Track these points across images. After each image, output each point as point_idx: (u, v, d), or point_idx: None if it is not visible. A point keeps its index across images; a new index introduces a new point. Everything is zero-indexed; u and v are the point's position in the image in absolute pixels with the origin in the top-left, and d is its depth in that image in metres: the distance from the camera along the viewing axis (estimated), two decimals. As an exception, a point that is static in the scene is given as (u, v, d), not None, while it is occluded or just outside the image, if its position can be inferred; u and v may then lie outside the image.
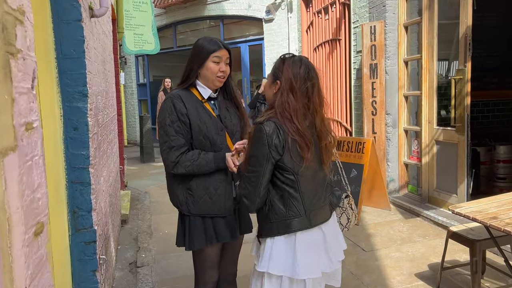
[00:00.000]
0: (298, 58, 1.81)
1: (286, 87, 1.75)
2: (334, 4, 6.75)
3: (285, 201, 1.76)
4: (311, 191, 1.80)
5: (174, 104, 2.02)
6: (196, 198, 2.07)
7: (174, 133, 2.00)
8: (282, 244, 1.76)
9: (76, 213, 2.18)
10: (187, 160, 2.01)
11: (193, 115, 2.03)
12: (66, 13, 2.07)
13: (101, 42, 3.19)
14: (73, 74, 2.11)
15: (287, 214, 1.75)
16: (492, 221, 2.26)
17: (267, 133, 1.69)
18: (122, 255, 4.00)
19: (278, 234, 1.76)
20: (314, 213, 1.79)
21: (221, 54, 2.06)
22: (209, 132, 2.05)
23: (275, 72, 1.82)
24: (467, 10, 4.07)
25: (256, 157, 1.71)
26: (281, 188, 1.76)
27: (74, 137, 2.14)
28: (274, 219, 1.77)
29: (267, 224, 1.79)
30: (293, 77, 1.75)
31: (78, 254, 2.20)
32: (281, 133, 1.70)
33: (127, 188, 6.40)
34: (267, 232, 1.80)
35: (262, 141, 1.70)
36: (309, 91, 1.77)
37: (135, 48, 6.41)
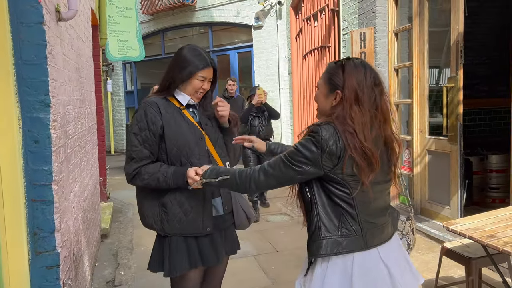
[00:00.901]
0: (360, 62, 1.56)
1: (351, 98, 1.50)
2: (323, 11, 6.64)
3: (339, 216, 1.52)
4: (370, 209, 1.54)
5: (146, 112, 1.89)
6: (171, 216, 1.89)
7: (137, 143, 1.87)
8: (337, 268, 1.51)
9: (36, 235, 1.98)
10: (146, 172, 1.87)
11: (169, 123, 1.89)
12: (25, 15, 1.88)
13: (74, 48, 3.00)
14: (34, 81, 1.92)
15: (340, 231, 1.51)
16: (490, 240, 2.11)
17: (323, 136, 1.45)
18: (99, 273, 3.78)
19: (329, 254, 1.50)
20: (371, 233, 1.54)
21: (207, 74, 1.96)
22: (186, 141, 1.90)
23: (332, 80, 1.56)
24: (459, 16, 3.96)
25: (303, 154, 1.48)
26: (334, 202, 1.52)
27: (34, 151, 1.95)
28: (324, 236, 1.51)
29: (315, 242, 1.53)
30: (358, 86, 1.51)
31: (39, 280, 1.99)
32: (340, 141, 1.45)
33: (110, 199, 6.17)
34: (314, 252, 1.53)
35: (315, 142, 1.46)
36: (377, 100, 1.53)
37: (119, 54, 6.23)
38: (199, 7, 10.12)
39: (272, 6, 8.69)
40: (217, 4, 9.76)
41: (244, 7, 9.28)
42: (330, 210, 1.52)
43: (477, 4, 5.73)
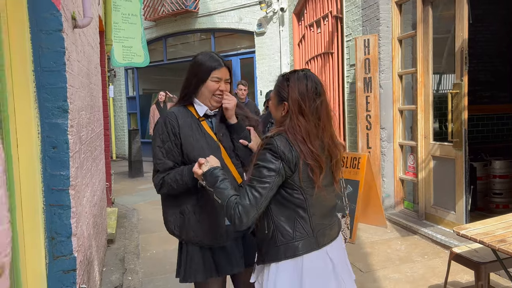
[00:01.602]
0: (303, 74, 1.66)
1: (295, 110, 1.61)
2: (326, 17, 6.70)
3: (292, 222, 1.62)
4: (320, 211, 1.67)
5: (166, 123, 1.92)
6: (187, 224, 1.92)
7: (161, 155, 1.91)
8: (288, 270, 1.61)
9: (54, 239, 2.00)
10: (168, 178, 1.90)
11: (186, 133, 1.92)
12: (45, 23, 1.92)
13: (86, 54, 3.04)
14: (53, 88, 1.95)
15: (294, 235, 1.61)
16: (501, 245, 2.13)
17: (278, 147, 1.56)
18: (107, 278, 3.79)
19: (284, 258, 1.60)
20: (322, 233, 1.66)
21: (221, 75, 1.95)
22: (202, 152, 1.90)
23: (280, 92, 1.68)
24: (463, 23, 4.00)
25: (267, 168, 1.56)
26: (288, 208, 1.62)
27: (52, 156, 1.97)
28: (280, 242, 1.61)
29: (272, 249, 1.62)
30: (300, 98, 1.61)
31: (56, 284, 2.01)
32: (293, 150, 1.57)
33: (114, 205, 6.18)
34: (271, 257, 1.63)
35: (274, 153, 1.56)
36: (319, 109, 1.63)
37: (123, 60, 6.26)
38: (201, 14, 10.19)
39: (274, 13, 8.75)
40: (220, 10, 9.83)
41: (246, 13, 9.35)
42: (284, 217, 1.62)
43: (480, 12, 5.80)
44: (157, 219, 5.86)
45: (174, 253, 4.26)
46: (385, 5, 5.02)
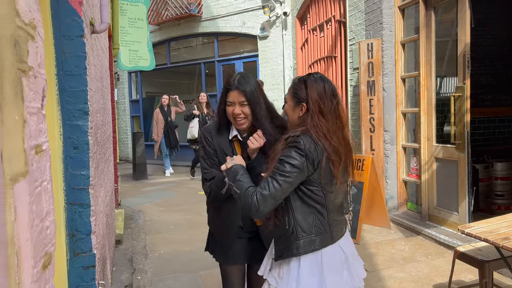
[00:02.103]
0: (319, 77, 1.78)
1: (316, 110, 1.72)
2: (330, 22, 6.79)
3: (311, 217, 1.72)
4: (336, 207, 1.78)
5: (205, 137, 2.11)
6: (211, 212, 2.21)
7: (206, 166, 2.08)
8: (309, 264, 1.71)
9: (74, 237, 2.08)
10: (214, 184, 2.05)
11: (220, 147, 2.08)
12: (68, 29, 2.00)
13: (99, 59, 3.12)
14: (74, 91, 2.04)
15: (313, 230, 1.71)
16: (505, 242, 2.21)
17: (305, 145, 1.65)
18: (117, 277, 3.86)
19: (304, 253, 1.70)
20: (336, 228, 1.78)
21: (233, 98, 1.96)
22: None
23: (297, 94, 1.78)
24: (465, 28, 4.09)
25: (291, 164, 1.63)
26: (308, 204, 1.72)
27: (74, 157, 2.05)
28: (301, 236, 1.70)
29: (293, 244, 1.71)
30: (319, 98, 1.72)
31: (76, 280, 2.09)
32: (318, 148, 1.67)
33: (121, 206, 6.26)
34: (292, 252, 1.71)
35: (300, 151, 1.65)
36: (336, 109, 1.75)
37: (130, 64, 6.34)
38: (205, 18, 10.29)
39: (277, 17, 8.85)
40: (223, 14, 9.93)
41: (249, 17, 9.46)
42: (304, 213, 1.71)
43: (482, 16, 5.88)
44: (163, 221, 5.96)
45: (183, 254, 4.37)
46: (388, 10, 5.11)
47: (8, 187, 0.73)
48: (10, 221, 0.74)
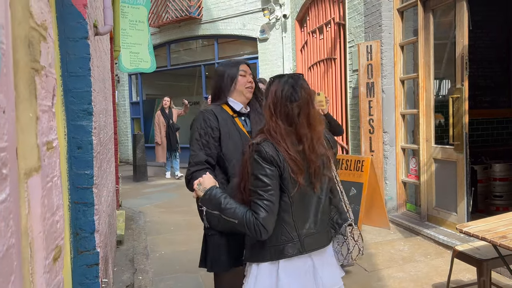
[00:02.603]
0: (285, 78, 1.72)
1: (271, 112, 1.69)
2: (329, 24, 6.84)
3: (278, 225, 1.66)
4: (304, 216, 1.71)
5: (205, 119, 2.09)
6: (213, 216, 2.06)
7: (196, 149, 2.05)
8: (266, 270, 1.69)
9: (78, 235, 2.11)
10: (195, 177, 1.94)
11: (224, 130, 2.09)
12: (72, 31, 2.04)
13: (102, 60, 3.16)
14: (78, 92, 2.07)
15: (280, 239, 1.67)
16: (502, 241, 2.24)
17: (267, 152, 1.62)
18: (118, 278, 3.89)
19: (269, 260, 1.68)
20: (308, 239, 1.70)
21: (245, 68, 2.19)
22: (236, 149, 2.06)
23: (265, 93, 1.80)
24: (463, 30, 4.14)
25: (265, 175, 1.61)
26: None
27: (78, 156, 2.09)
28: (270, 243, 1.67)
29: (263, 249, 1.68)
30: (275, 99, 1.68)
31: (80, 278, 2.12)
32: (280, 153, 1.64)
33: (122, 207, 6.29)
34: (258, 258, 1.70)
35: (266, 159, 1.62)
36: (290, 115, 1.67)
37: (131, 66, 6.38)
38: (205, 20, 10.34)
39: (277, 19, 8.90)
40: (223, 17, 9.98)
41: (249, 20, 9.51)
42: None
43: (479, 18, 5.93)
44: (163, 222, 5.99)
45: (183, 254, 4.39)
46: (387, 12, 5.16)
47: (22, 182, 0.77)
48: (24, 214, 0.78)
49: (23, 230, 0.77)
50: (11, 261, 0.67)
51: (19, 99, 0.76)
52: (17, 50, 0.76)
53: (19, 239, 0.74)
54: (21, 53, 0.78)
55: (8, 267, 0.66)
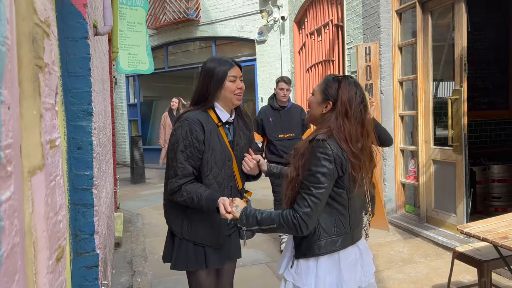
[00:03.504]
0: (353, 81, 1.78)
1: (342, 111, 1.72)
2: (327, 26, 6.85)
3: (334, 218, 1.73)
4: (356, 209, 1.80)
5: (191, 130, 1.95)
6: (193, 226, 2.02)
7: (183, 160, 1.94)
8: (327, 262, 1.73)
9: (78, 237, 2.09)
10: (185, 190, 1.93)
11: (209, 141, 1.98)
12: (72, 30, 2.03)
13: (101, 61, 3.15)
14: (78, 92, 2.06)
15: (335, 231, 1.73)
16: (503, 241, 2.24)
17: (333, 150, 1.65)
18: (117, 280, 3.86)
19: (325, 253, 1.71)
20: (356, 230, 1.81)
21: (236, 72, 2.03)
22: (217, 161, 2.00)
23: (327, 91, 1.78)
24: (462, 31, 4.15)
25: (322, 173, 1.63)
26: (331, 205, 1.72)
27: (77, 157, 2.07)
28: (323, 237, 1.71)
29: (315, 244, 1.71)
30: (348, 101, 1.73)
31: (79, 280, 2.10)
32: (344, 151, 1.67)
33: (119, 210, 6.26)
34: (314, 252, 1.72)
35: (328, 157, 1.64)
36: (362, 116, 1.75)
37: (129, 68, 6.35)
38: (203, 22, 10.34)
39: (275, 21, 8.91)
40: (221, 19, 9.98)
41: (247, 22, 9.51)
42: (326, 214, 1.72)
43: (478, 20, 5.95)
44: (161, 224, 5.92)
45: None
46: (385, 14, 5.16)
47: (26, 180, 0.76)
48: (28, 213, 0.76)
49: (27, 229, 0.76)
50: (15, 260, 0.66)
51: (23, 96, 0.75)
52: (21, 46, 0.75)
53: (23, 238, 0.73)
54: (25, 49, 0.77)
55: (13, 267, 0.65)
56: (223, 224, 2.04)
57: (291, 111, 4.44)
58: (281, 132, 4.38)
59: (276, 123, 4.40)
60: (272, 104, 4.44)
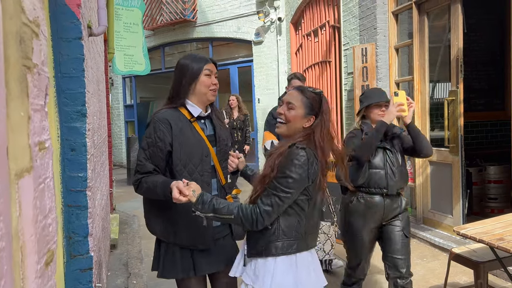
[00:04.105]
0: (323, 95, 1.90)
1: (326, 125, 1.83)
2: (324, 27, 6.85)
3: (294, 222, 1.78)
4: (315, 216, 1.87)
5: (156, 128, 1.93)
6: (174, 226, 1.98)
7: (143, 158, 1.95)
8: (284, 262, 1.76)
9: (71, 239, 2.07)
10: (145, 182, 1.94)
11: (178, 139, 1.94)
12: (66, 31, 2.00)
13: (96, 62, 3.13)
14: (72, 93, 2.04)
15: (293, 235, 1.77)
16: (500, 243, 2.23)
17: (309, 159, 1.72)
18: (112, 282, 3.84)
19: (282, 254, 1.76)
20: (311, 237, 1.86)
21: (211, 67, 2.02)
22: (191, 157, 1.96)
23: (312, 106, 1.84)
24: (458, 33, 4.15)
25: (294, 179, 1.70)
26: (293, 209, 1.77)
27: (71, 159, 2.05)
28: (281, 238, 1.76)
29: (272, 244, 1.76)
30: (325, 115, 1.84)
31: (73, 283, 2.07)
32: (317, 162, 1.75)
33: (115, 211, 6.23)
34: (271, 252, 1.76)
35: (303, 166, 1.71)
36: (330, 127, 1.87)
37: (125, 68, 6.34)
38: (199, 23, 10.33)
39: (272, 22, 8.91)
40: (218, 20, 9.97)
41: (244, 23, 9.50)
42: (288, 217, 1.77)
43: (474, 21, 5.96)
44: (157, 225, 5.92)
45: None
46: (382, 15, 5.16)
47: (13, 182, 0.74)
48: (15, 216, 0.75)
49: (14, 233, 0.74)
50: (1, 265, 0.64)
51: (10, 97, 0.73)
52: (8, 46, 0.74)
53: (10, 242, 0.71)
54: (12, 49, 0.75)
55: (-2, 272, 0.63)
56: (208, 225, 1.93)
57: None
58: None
59: None
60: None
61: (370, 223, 2.67)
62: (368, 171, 2.62)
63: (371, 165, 2.63)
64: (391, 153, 2.66)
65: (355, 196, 2.67)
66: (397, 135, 2.76)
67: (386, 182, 2.60)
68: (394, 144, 2.72)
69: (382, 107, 2.70)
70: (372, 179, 2.62)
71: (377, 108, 2.71)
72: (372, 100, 2.73)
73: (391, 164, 2.63)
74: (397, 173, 2.63)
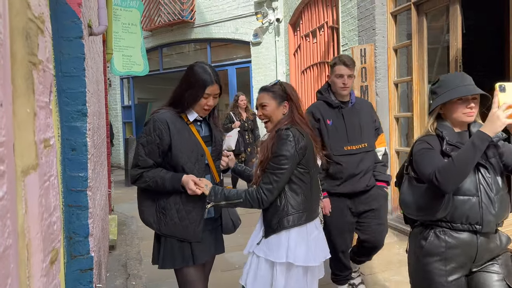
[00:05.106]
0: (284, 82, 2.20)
1: (298, 105, 2.14)
2: (322, 28, 6.85)
3: (300, 196, 2.01)
4: (316, 189, 2.14)
5: (155, 127, 2.04)
6: (168, 219, 2.08)
7: (143, 154, 2.05)
8: (298, 235, 1.98)
9: (72, 239, 2.06)
10: (147, 176, 2.05)
11: (176, 140, 2.05)
12: (66, 30, 2.00)
13: (95, 62, 3.12)
14: (73, 92, 2.03)
15: (302, 207, 2.01)
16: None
17: (294, 136, 1.96)
18: (111, 283, 3.82)
19: (294, 226, 1.97)
20: (316, 208, 2.13)
21: (211, 91, 2.09)
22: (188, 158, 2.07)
23: (279, 95, 2.11)
24: (457, 33, 4.16)
25: (285, 156, 1.94)
26: (298, 184, 2.01)
27: (72, 159, 2.04)
28: (291, 212, 1.98)
29: (284, 218, 1.98)
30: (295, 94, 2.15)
31: (73, 283, 2.07)
32: (304, 137, 2.01)
33: (114, 212, 6.21)
34: (284, 225, 1.97)
35: (290, 143, 1.95)
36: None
37: (123, 69, 6.32)
38: (197, 24, 10.32)
39: (270, 23, 8.90)
40: (216, 20, 9.96)
41: (242, 24, 9.50)
42: (294, 192, 2.01)
43: (472, 22, 5.98)
44: (156, 226, 5.91)
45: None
46: (380, 16, 5.17)
47: (19, 179, 0.73)
48: (21, 213, 0.74)
49: (20, 231, 0.73)
50: (8, 263, 0.63)
51: (16, 93, 0.73)
52: (15, 42, 0.73)
53: (16, 240, 0.70)
54: (18, 45, 0.75)
55: (5, 270, 0.62)
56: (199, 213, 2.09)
57: (358, 109, 2.98)
58: (347, 142, 2.87)
59: (339, 129, 2.87)
60: (328, 100, 2.91)
61: (456, 270, 1.84)
62: (453, 199, 1.79)
63: (457, 189, 1.79)
64: (487, 172, 1.82)
65: (432, 230, 1.87)
66: (492, 144, 1.86)
67: (480, 215, 1.78)
68: (489, 157, 1.85)
69: (470, 103, 1.88)
70: (458, 210, 1.79)
71: (462, 104, 1.88)
72: (455, 92, 1.86)
73: (488, 188, 1.79)
74: (497, 202, 1.79)
